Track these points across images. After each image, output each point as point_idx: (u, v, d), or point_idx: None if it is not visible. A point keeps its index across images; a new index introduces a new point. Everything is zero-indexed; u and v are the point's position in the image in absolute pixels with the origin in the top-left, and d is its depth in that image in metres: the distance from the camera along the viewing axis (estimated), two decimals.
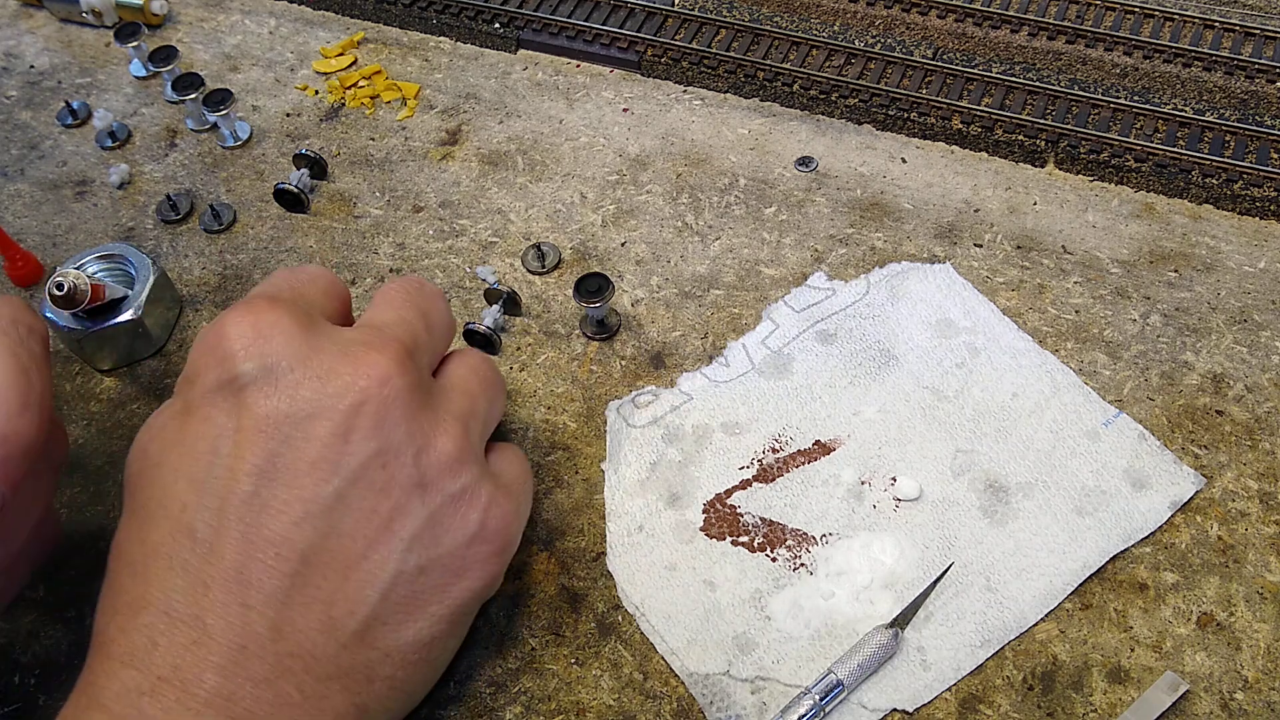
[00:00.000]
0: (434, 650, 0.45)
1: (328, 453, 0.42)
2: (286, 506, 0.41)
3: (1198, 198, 0.66)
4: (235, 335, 0.43)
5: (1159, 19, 0.75)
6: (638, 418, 0.58)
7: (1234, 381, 0.58)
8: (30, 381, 0.45)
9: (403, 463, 0.43)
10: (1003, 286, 0.63)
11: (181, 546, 0.40)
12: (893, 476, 0.56)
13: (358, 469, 0.42)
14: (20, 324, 0.46)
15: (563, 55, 0.78)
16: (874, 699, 0.49)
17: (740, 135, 0.72)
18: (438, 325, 0.49)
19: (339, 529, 0.42)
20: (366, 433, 0.42)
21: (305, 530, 0.41)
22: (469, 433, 0.46)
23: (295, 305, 0.45)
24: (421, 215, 0.69)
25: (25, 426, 0.44)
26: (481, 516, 0.45)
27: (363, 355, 0.43)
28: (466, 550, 0.45)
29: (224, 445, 0.41)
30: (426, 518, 0.44)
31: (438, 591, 0.44)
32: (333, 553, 0.41)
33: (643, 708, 0.49)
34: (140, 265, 0.62)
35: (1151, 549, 0.53)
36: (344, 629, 0.41)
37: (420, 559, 0.43)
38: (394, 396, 0.43)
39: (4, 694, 0.51)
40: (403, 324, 0.47)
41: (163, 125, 0.76)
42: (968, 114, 0.71)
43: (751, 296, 0.63)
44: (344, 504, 0.42)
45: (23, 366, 0.45)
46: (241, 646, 0.39)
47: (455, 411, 0.46)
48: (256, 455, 0.41)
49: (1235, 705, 0.48)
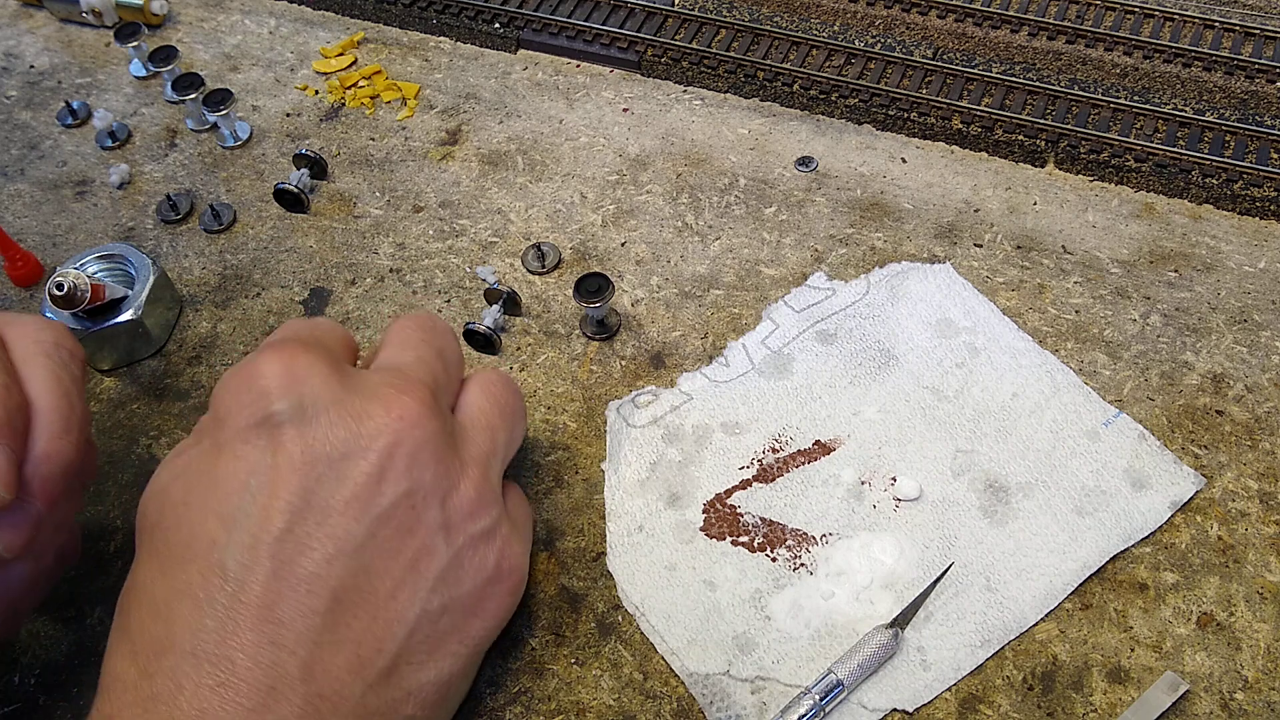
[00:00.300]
0: (451, 689, 0.45)
1: (361, 492, 0.42)
2: (319, 544, 0.41)
3: (1198, 198, 0.66)
4: (270, 374, 0.43)
5: (1159, 19, 0.75)
6: (638, 418, 0.58)
7: (1234, 381, 0.58)
8: (72, 404, 0.46)
9: (430, 505, 0.44)
10: (1003, 286, 0.63)
11: (211, 585, 0.40)
12: (893, 476, 0.56)
13: (389, 509, 0.42)
14: (63, 348, 0.48)
15: (563, 55, 0.78)
16: (874, 699, 0.49)
17: (740, 135, 0.72)
18: (453, 363, 0.50)
19: (369, 568, 0.42)
20: (399, 474, 0.43)
21: (337, 568, 0.41)
22: (489, 474, 0.47)
23: (324, 349, 0.45)
24: (421, 215, 0.69)
25: (66, 448, 0.45)
26: (498, 558, 0.46)
27: (394, 398, 0.44)
28: (484, 590, 0.46)
29: (257, 481, 0.41)
30: (450, 559, 0.44)
31: (457, 630, 0.45)
32: (362, 592, 0.42)
33: (643, 708, 0.49)
34: (140, 265, 0.62)
35: (1151, 549, 0.53)
36: (371, 669, 0.41)
37: (443, 599, 0.44)
38: (424, 439, 0.44)
39: (4, 694, 0.51)
40: (423, 365, 0.47)
41: (163, 125, 0.76)
42: (968, 114, 0.71)
43: (751, 296, 0.63)
44: (374, 543, 0.42)
45: (65, 390, 0.46)
46: (270, 688, 0.39)
47: (477, 454, 0.47)
48: (291, 492, 0.41)
49: (1235, 705, 0.48)
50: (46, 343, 0.47)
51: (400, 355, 0.48)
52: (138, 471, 0.58)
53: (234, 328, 0.64)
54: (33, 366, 0.46)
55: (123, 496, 0.58)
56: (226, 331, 0.64)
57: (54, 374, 0.46)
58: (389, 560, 0.42)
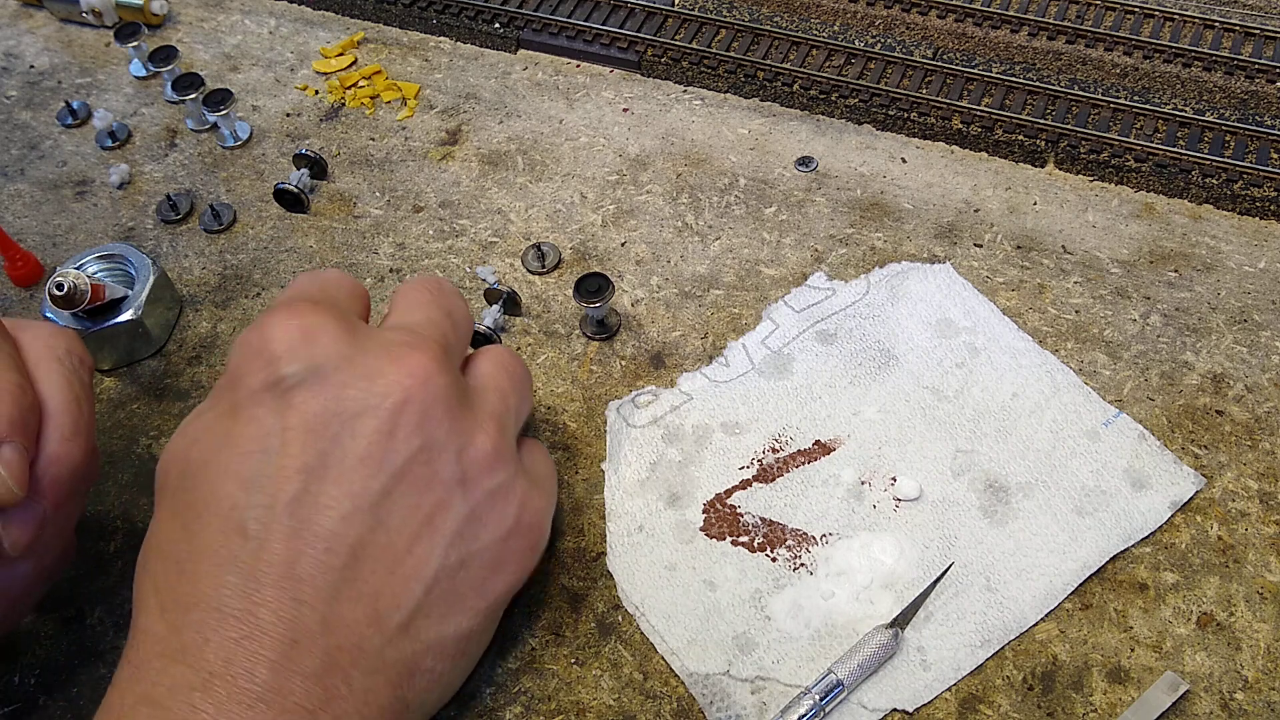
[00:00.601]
0: (471, 643, 0.46)
1: (374, 449, 0.43)
2: (335, 502, 0.42)
3: (1198, 198, 0.66)
4: (280, 337, 0.43)
5: (1159, 19, 0.75)
6: (638, 417, 0.58)
7: (1234, 381, 0.58)
8: (81, 409, 0.47)
9: (445, 459, 0.44)
10: (1003, 286, 0.63)
11: (233, 544, 0.41)
12: (893, 476, 0.56)
13: (403, 465, 0.43)
14: (74, 355, 0.49)
15: (563, 55, 0.78)
16: (874, 699, 0.49)
17: (740, 135, 0.72)
18: (462, 323, 0.50)
19: (386, 524, 0.42)
20: (411, 430, 0.43)
21: (354, 525, 0.42)
22: (504, 431, 0.47)
23: (335, 307, 0.46)
24: (421, 215, 0.69)
25: (75, 451, 0.47)
26: (517, 511, 0.47)
27: (405, 355, 0.44)
28: (503, 544, 0.46)
29: (272, 444, 0.42)
30: (467, 513, 0.45)
31: (477, 585, 0.45)
32: (380, 547, 0.42)
33: (643, 708, 0.49)
34: (140, 265, 0.62)
35: (1151, 549, 0.53)
36: (390, 622, 0.42)
37: (461, 553, 0.44)
38: (436, 395, 0.44)
39: (4, 694, 0.51)
40: (432, 324, 0.48)
41: (163, 125, 0.76)
42: (968, 114, 0.71)
43: (751, 296, 0.63)
44: (390, 499, 0.43)
45: (75, 395, 0.47)
46: (293, 641, 0.40)
47: (491, 410, 0.47)
48: (306, 453, 0.42)
49: (1235, 705, 0.48)
50: (59, 349, 0.48)
51: (410, 315, 0.49)
52: (138, 471, 0.58)
53: (234, 328, 0.64)
54: (45, 370, 0.47)
55: (123, 496, 0.58)
56: (226, 331, 0.64)
57: (65, 379, 0.47)
58: (407, 516, 0.43)
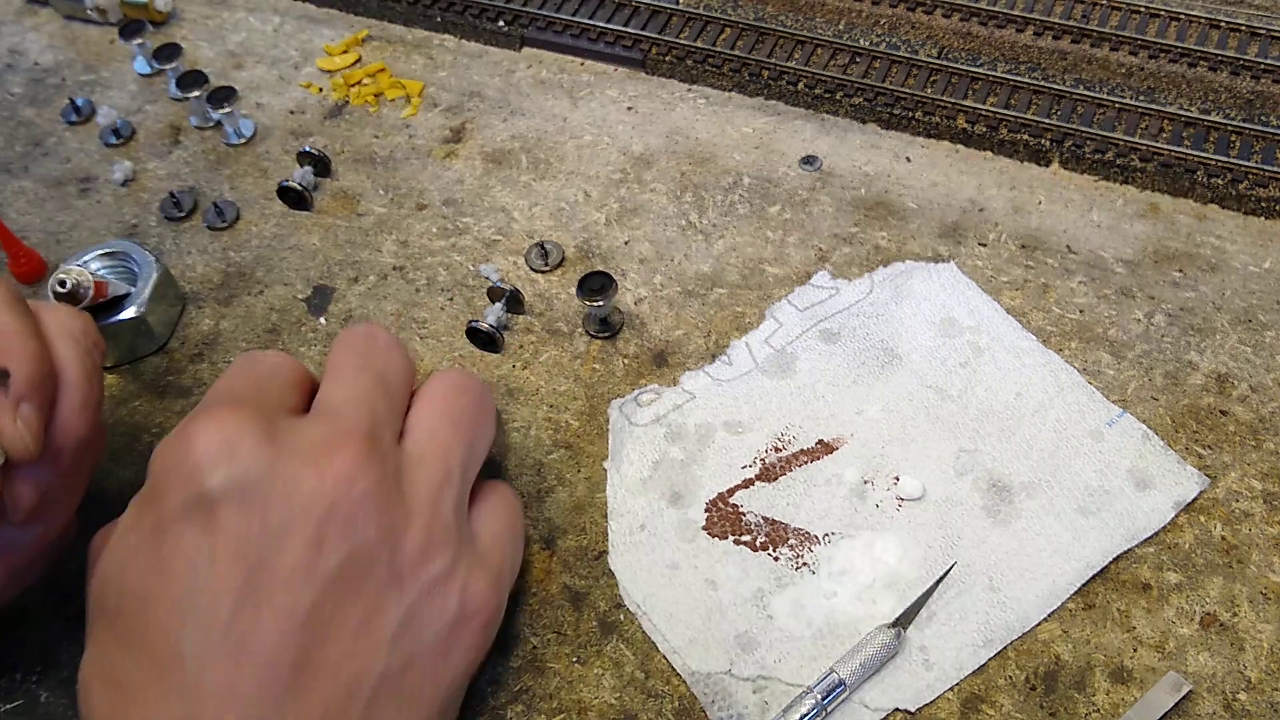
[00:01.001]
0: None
1: (302, 563, 0.41)
2: (270, 621, 0.40)
3: (1203, 197, 0.66)
4: (201, 448, 0.42)
5: (1164, 18, 0.75)
6: (640, 416, 0.58)
7: (1238, 381, 0.58)
8: (91, 386, 0.49)
9: (377, 561, 0.43)
10: (1007, 286, 0.63)
11: (173, 672, 0.39)
12: (896, 476, 0.55)
13: (333, 574, 0.42)
14: (89, 336, 0.50)
15: (567, 53, 0.78)
16: (876, 698, 0.49)
17: (744, 134, 0.72)
18: (396, 385, 0.48)
19: (323, 636, 0.41)
20: (339, 538, 0.42)
21: (291, 641, 0.40)
22: (441, 510, 0.45)
23: (257, 408, 0.44)
24: (425, 213, 0.69)
25: (83, 423, 0.48)
26: (460, 598, 0.45)
27: (327, 459, 0.43)
28: (450, 635, 0.44)
29: (201, 566, 0.41)
30: (404, 613, 0.43)
31: (427, 679, 0.44)
32: (321, 659, 0.41)
33: (644, 707, 0.49)
34: (143, 263, 0.63)
35: (1155, 549, 0.52)
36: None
37: (405, 653, 0.43)
38: (361, 497, 0.43)
39: (5, 691, 0.51)
40: (360, 403, 0.46)
41: (166, 122, 0.76)
42: (972, 113, 0.70)
43: (755, 295, 0.63)
44: (324, 611, 0.41)
45: (87, 373, 0.49)
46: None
47: (426, 491, 0.45)
48: (235, 574, 0.40)
49: (1238, 706, 0.48)
50: (75, 329, 0.49)
51: (338, 392, 0.47)
52: (139, 469, 0.58)
53: (237, 325, 0.64)
54: (60, 346, 0.48)
55: (125, 494, 0.57)
56: (229, 329, 0.64)
57: (79, 357, 0.49)
58: (342, 624, 0.42)
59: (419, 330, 0.63)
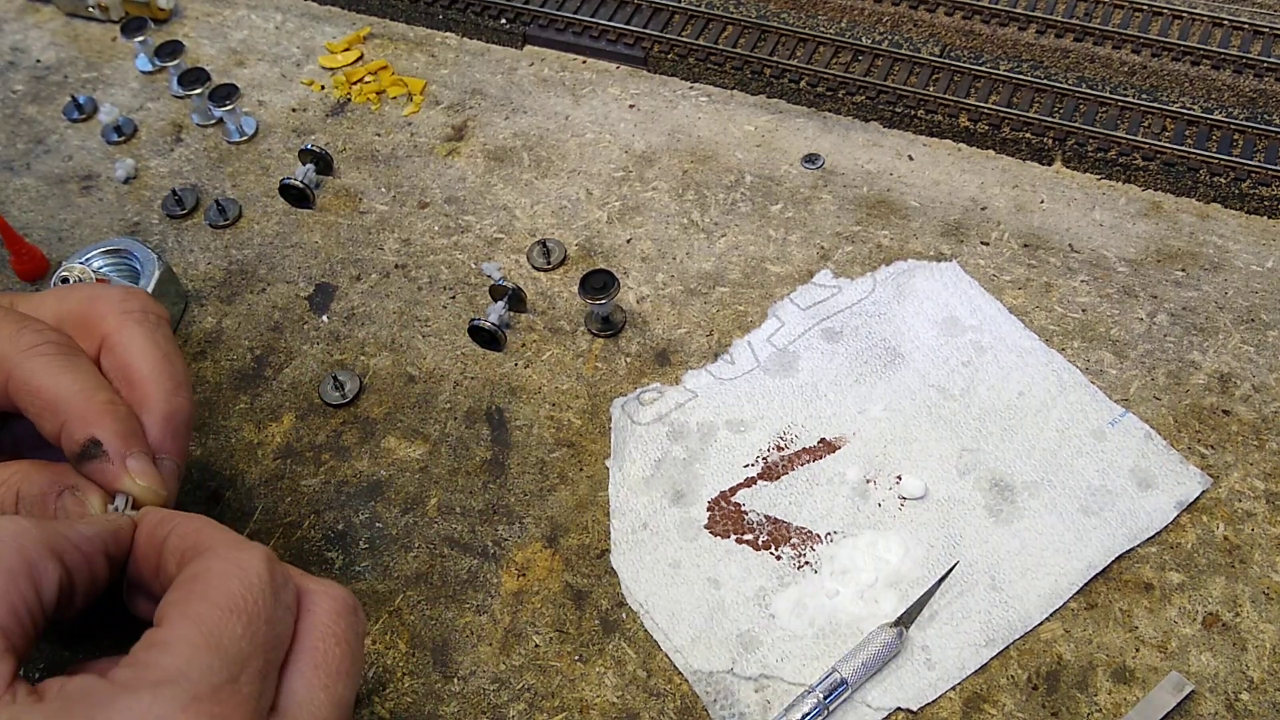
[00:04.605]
0: None
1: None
2: None
3: (1205, 196, 0.66)
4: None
5: (1167, 17, 0.75)
6: (643, 415, 0.58)
7: (1241, 381, 0.58)
8: (173, 363, 0.48)
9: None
10: (1009, 285, 0.62)
11: None
12: (898, 475, 0.55)
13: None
14: (150, 313, 0.49)
15: (569, 51, 0.78)
16: (878, 697, 0.49)
17: (746, 132, 0.72)
18: (270, 643, 0.40)
19: None
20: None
21: None
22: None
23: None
24: (427, 211, 0.69)
25: (182, 403, 0.48)
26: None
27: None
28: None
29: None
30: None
31: None
32: None
33: (646, 705, 0.49)
34: (145, 260, 0.63)
35: (1157, 549, 0.52)
36: None
37: None
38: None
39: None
40: (220, 674, 0.38)
41: (168, 120, 0.76)
42: (975, 111, 0.70)
43: (757, 294, 0.63)
44: None
45: (164, 352, 0.48)
46: None
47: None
48: None
49: (1240, 706, 0.48)
50: (135, 311, 0.49)
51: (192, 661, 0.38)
52: None
53: (239, 323, 0.64)
54: (129, 335, 0.48)
55: None
56: (231, 326, 0.64)
57: (150, 338, 0.48)
58: None
59: (421, 328, 0.63)
